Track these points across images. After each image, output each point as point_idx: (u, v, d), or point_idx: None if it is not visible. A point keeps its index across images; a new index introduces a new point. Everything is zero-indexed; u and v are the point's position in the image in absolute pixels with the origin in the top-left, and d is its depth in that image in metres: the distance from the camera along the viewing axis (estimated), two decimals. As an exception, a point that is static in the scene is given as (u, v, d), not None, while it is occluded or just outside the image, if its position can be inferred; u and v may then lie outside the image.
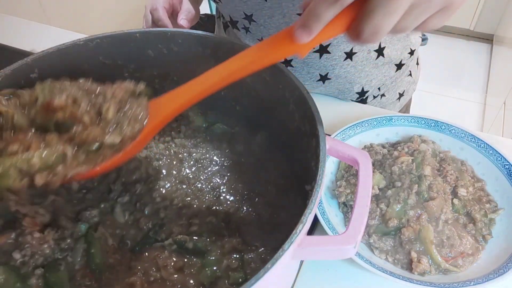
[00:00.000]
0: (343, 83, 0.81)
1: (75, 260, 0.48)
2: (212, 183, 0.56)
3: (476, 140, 0.67)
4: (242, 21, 0.76)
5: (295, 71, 0.79)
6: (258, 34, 0.77)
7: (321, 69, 0.78)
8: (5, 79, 0.51)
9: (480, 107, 2.35)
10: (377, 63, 0.80)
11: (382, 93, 0.86)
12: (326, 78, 0.80)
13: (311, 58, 0.77)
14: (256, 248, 0.49)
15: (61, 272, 0.47)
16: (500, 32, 2.54)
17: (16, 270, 0.47)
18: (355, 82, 0.81)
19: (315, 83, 0.81)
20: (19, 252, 0.48)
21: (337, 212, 0.62)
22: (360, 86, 0.83)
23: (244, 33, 0.79)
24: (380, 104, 0.88)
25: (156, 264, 0.48)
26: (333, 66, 0.78)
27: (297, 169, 0.54)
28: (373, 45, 0.77)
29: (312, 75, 0.80)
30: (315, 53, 0.76)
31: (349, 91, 0.83)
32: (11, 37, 1.00)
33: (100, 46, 0.57)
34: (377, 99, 0.87)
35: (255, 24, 0.75)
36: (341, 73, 0.79)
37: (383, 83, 0.84)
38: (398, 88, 0.88)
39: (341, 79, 0.80)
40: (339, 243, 0.38)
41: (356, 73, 0.80)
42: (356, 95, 0.84)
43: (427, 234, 0.56)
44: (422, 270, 0.54)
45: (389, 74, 0.84)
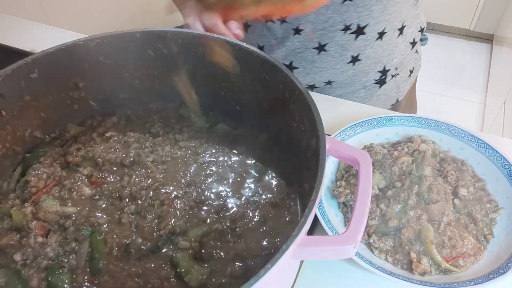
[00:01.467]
0: (370, 64, 0.84)
1: (79, 263, 0.48)
2: (217, 186, 0.56)
3: (476, 140, 0.67)
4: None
5: (328, 54, 0.81)
6: (295, 22, 0.78)
7: (354, 51, 0.81)
8: (5, 79, 0.51)
9: (480, 107, 2.35)
10: (397, 42, 0.84)
11: (398, 72, 0.90)
12: (356, 59, 0.82)
13: (346, 40, 0.79)
14: (259, 254, 0.49)
15: (64, 274, 0.47)
16: (500, 32, 2.55)
17: (17, 272, 0.47)
18: (379, 61, 0.85)
19: (346, 66, 0.83)
20: (21, 254, 0.48)
21: (337, 212, 0.62)
22: (382, 65, 0.86)
23: (278, 24, 0.80)
24: (395, 83, 0.92)
25: (159, 273, 0.48)
26: (365, 46, 0.81)
27: (297, 169, 0.54)
28: (397, 24, 0.81)
29: (344, 57, 0.82)
30: (351, 35, 0.78)
31: (372, 71, 0.86)
32: (11, 37, 1.00)
33: (100, 46, 0.57)
34: (393, 78, 0.91)
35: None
36: (371, 53, 0.82)
37: (400, 61, 0.89)
38: (409, 65, 0.93)
39: (370, 59, 0.83)
40: (339, 243, 0.38)
41: (382, 52, 0.84)
42: (379, 74, 0.87)
43: (427, 234, 0.56)
44: (422, 270, 0.54)
45: (406, 52, 0.88)
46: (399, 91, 0.95)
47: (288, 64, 0.85)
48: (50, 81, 0.56)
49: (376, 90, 0.91)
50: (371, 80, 0.88)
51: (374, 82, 0.89)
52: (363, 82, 0.88)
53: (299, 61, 0.84)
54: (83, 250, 0.49)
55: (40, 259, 0.48)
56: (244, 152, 0.60)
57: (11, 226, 0.51)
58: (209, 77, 0.60)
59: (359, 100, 0.92)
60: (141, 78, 0.63)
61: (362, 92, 0.90)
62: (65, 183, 0.55)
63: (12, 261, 0.48)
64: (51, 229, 0.51)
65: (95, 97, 0.63)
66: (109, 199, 0.54)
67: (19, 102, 0.54)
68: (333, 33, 0.78)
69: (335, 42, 0.79)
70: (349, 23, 0.76)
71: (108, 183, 0.56)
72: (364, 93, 0.90)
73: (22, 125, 0.56)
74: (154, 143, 0.61)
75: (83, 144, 0.60)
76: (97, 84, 0.61)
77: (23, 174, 0.57)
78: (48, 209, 0.52)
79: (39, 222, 0.51)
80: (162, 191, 0.55)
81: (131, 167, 0.57)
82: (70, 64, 0.57)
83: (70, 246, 0.49)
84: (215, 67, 0.58)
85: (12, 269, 0.47)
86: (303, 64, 0.84)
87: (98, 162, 0.57)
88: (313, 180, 0.40)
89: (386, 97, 0.93)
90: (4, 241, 0.49)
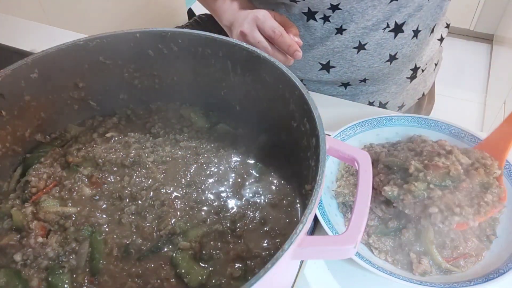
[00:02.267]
0: (405, 62, 0.85)
1: (79, 264, 0.48)
2: (217, 187, 0.56)
3: (476, 140, 0.67)
4: (324, 11, 0.77)
5: (367, 53, 0.81)
6: (338, 22, 0.78)
7: (392, 49, 0.81)
8: (5, 79, 0.51)
9: (480, 107, 2.35)
10: (429, 40, 0.86)
11: (426, 67, 0.92)
12: (394, 58, 0.83)
13: (386, 39, 0.80)
14: (259, 254, 0.49)
15: (64, 275, 0.47)
16: (500, 32, 2.54)
17: (17, 273, 0.47)
18: (413, 60, 0.87)
19: (383, 64, 0.84)
20: (21, 255, 0.48)
21: (337, 212, 0.62)
22: (414, 63, 0.87)
23: (321, 23, 0.79)
24: (423, 77, 0.94)
25: (159, 273, 0.48)
26: (402, 45, 0.81)
27: (297, 169, 0.54)
28: (430, 23, 0.82)
29: (382, 56, 0.82)
30: (390, 33, 0.79)
31: (406, 69, 0.88)
32: (11, 37, 1.00)
33: (100, 46, 0.57)
34: (422, 73, 0.92)
35: (339, 12, 0.76)
36: (407, 52, 0.83)
37: (430, 57, 0.91)
38: (435, 59, 0.95)
39: (406, 58, 0.84)
40: (339, 243, 0.38)
41: (417, 50, 0.85)
42: (410, 71, 0.89)
43: (427, 235, 0.56)
44: (423, 270, 0.54)
45: (434, 48, 0.91)
46: (425, 84, 0.97)
47: (325, 63, 0.85)
48: (50, 81, 0.56)
49: (406, 86, 0.92)
50: (403, 78, 0.89)
51: (406, 78, 0.90)
52: (396, 79, 0.89)
53: (337, 60, 0.83)
54: (83, 250, 0.49)
55: (40, 259, 0.48)
56: (244, 153, 0.60)
57: (11, 226, 0.51)
58: (209, 77, 0.60)
59: (390, 96, 0.93)
60: (141, 78, 0.63)
61: (394, 87, 0.91)
62: (65, 183, 0.55)
63: (12, 261, 0.48)
64: (51, 229, 0.51)
65: (95, 97, 0.63)
66: (109, 200, 0.54)
67: (19, 102, 0.54)
68: (374, 32, 0.78)
69: (375, 41, 0.79)
70: (389, 21, 0.77)
71: (108, 184, 0.56)
72: (395, 88, 0.91)
73: (22, 125, 0.56)
74: (155, 143, 0.61)
75: (84, 144, 0.60)
76: (97, 84, 0.61)
77: (24, 174, 0.57)
78: (48, 209, 0.52)
79: (40, 222, 0.51)
80: (162, 192, 0.54)
81: (131, 167, 0.57)
82: (70, 64, 0.57)
83: (70, 246, 0.49)
84: (215, 67, 0.58)
85: (12, 269, 0.47)
86: (341, 63, 0.84)
87: (99, 162, 0.57)
88: (313, 180, 0.40)
89: (414, 91, 0.95)
90: (4, 241, 0.49)
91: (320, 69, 0.86)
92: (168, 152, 0.59)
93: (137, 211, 0.53)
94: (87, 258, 0.49)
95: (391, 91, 0.91)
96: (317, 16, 0.78)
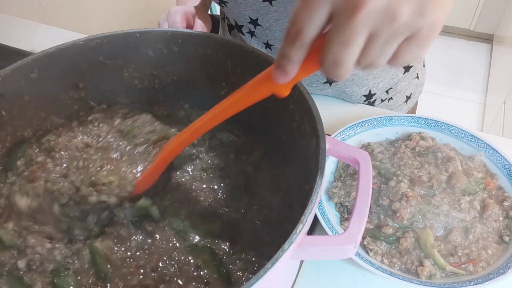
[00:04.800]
0: (350, 86, 0.81)
1: (83, 266, 0.48)
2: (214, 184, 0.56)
3: (476, 140, 0.67)
4: (247, 25, 0.76)
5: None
6: (264, 37, 0.77)
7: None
8: (5, 79, 0.51)
9: (480, 107, 2.35)
10: (385, 66, 0.80)
11: (390, 96, 0.87)
12: (333, 80, 0.80)
13: None
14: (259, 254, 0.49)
15: (69, 277, 0.47)
16: (500, 32, 2.54)
17: (20, 279, 0.47)
18: (362, 84, 0.81)
19: (322, 86, 0.81)
20: (26, 261, 0.48)
21: (336, 212, 0.62)
22: (367, 89, 0.83)
23: (249, 37, 0.79)
24: (388, 107, 0.89)
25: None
26: None
27: (297, 169, 0.54)
28: None
29: (318, 77, 0.80)
30: None
31: (356, 94, 0.83)
32: (11, 37, 1.00)
33: (100, 46, 0.57)
34: (384, 102, 0.87)
35: (261, 28, 0.75)
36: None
37: (391, 86, 0.85)
38: (406, 91, 0.89)
39: (349, 82, 0.80)
40: (339, 243, 0.38)
41: (364, 75, 0.80)
42: (363, 97, 0.84)
43: (427, 239, 0.55)
44: (428, 273, 0.53)
45: (397, 76, 0.84)
46: None
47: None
48: (50, 81, 0.56)
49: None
50: (355, 103, 0.85)
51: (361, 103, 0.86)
52: (347, 102, 0.85)
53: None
54: (84, 252, 0.49)
55: (46, 263, 0.48)
56: (244, 153, 0.60)
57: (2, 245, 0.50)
58: (208, 77, 0.60)
59: None
60: (141, 78, 0.63)
61: None
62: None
63: (16, 268, 0.47)
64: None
65: (95, 97, 0.63)
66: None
67: (19, 102, 0.54)
68: None
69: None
70: None
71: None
72: None
73: (22, 125, 0.56)
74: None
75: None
76: (97, 84, 0.61)
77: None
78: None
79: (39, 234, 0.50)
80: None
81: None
82: (70, 64, 0.57)
83: (76, 247, 0.49)
84: (215, 67, 0.58)
85: (14, 275, 0.47)
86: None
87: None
88: (313, 180, 0.40)
89: None
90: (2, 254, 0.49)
91: None
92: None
93: (138, 223, 0.52)
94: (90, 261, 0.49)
95: None
96: (244, 30, 0.78)
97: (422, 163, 0.63)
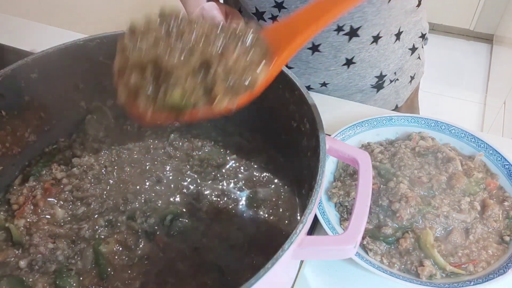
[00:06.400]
0: (365, 68, 0.84)
1: (85, 266, 0.48)
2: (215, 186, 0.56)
3: (476, 140, 0.67)
4: (270, 10, 0.77)
5: (322, 55, 0.81)
6: None
7: (348, 53, 0.80)
8: (5, 79, 0.51)
9: (480, 107, 2.35)
10: (394, 47, 0.84)
11: (397, 77, 0.90)
12: (351, 62, 0.82)
13: (340, 42, 0.79)
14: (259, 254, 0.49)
15: (72, 277, 0.47)
16: (500, 32, 2.54)
17: (21, 281, 0.47)
18: (375, 66, 0.84)
19: (340, 68, 0.83)
20: (28, 261, 0.48)
21: (336, 212, 0.62)
22: (379, 70, 0.86)
23: (270, 23, 0.79)
24: (395, 88, 0.91)
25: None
26: (359, 49, 0.80)
27: (297, 169, 0.54)
28: (393, 29, 0.81)
29: (338, 59, 0.81)
30: (344, 36, 0.78)
31: (369, 76, 0.86)
32: (11, 37, 1.00)
33: (100, 46, 0.57)
34: (392, 84, 0.90)
35: (286, 11, 0.76)
36: (366, 57, 0.82)
37: (399, 67, 0.88)
38: (410, 71, 0.92)
39: (365, 63, 0.83)
40: (339, 243, 0.38)
41: (378, 57, 0.83)
42: (375, 79, 0.87)
43: (427, 239, 0.55)
44: (429, 273, 0.53)
45: (405, 58, 0.88)
46: (398, 96, 0.94)
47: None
48: (50, 81, 0.56)
49: (373, 95, 0.90)
50: (367, 85, 0.87)
51: (371, 86, 0.88)
52: (359, 86, 0.87)
53: (294, 60, 0.83)
54: (88, 252, 0.49)
55: (49, 264, 0.48)
56: (244, 153, 0.60)
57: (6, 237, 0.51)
58: (209, 77, 0.60)
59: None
60: (141, 78, 0.62)
61: (359, 95, 0.90)
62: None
63: (17, 268, 0.48)
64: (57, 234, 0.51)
65: (95, 97, 0.62)
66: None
67: (19, 102, 0.54)
68: (326, 33, 0.78)
69: (328, 42, 0.79)
70: (342, 24, 0.76)
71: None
72: (360, 97, 0.90)
73: (22, 125, 0.56)
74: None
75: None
76: (97, 84, 0.61)
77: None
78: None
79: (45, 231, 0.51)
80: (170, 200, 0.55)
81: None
82: (70, 64, 0.57)
83: (78, 247, 0.49)
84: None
85: (15, 277, 0.47)
86: (298, 64, 0.84)
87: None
88: (313, 180, 0.40)
89: (384, 102, 0.93)
90: (3, 256, 0.49)
91: None
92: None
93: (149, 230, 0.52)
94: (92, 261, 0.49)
95: (356, 99, 0.89)
96: (266, 16, 0.78)
97: (422, 163, 0.63)
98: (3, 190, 0.56)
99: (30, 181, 0.56)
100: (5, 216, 0.53)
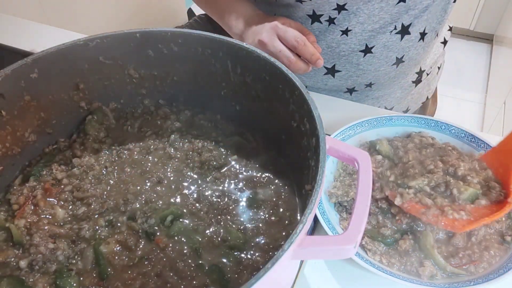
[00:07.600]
0: (411, 66, 0.85)
1: (86, 266, 0.48)
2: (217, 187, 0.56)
3: (476, 140, 0.67)
4: (330, 12, 0.75)
5: (373, 56, 0.80)
6: (344, 24, 0.76)
7: (399, 52, 0.80)
8: (5, 79, 0.51)
9: (480, 107, 2.35)
10: (434, 43, 0.86)
11: (431, 70, 0.92)
12: (401, 61, 0.82)
13: (392, 41, 0.78)
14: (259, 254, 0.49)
15: (72, 278, 0.47)
16: (500, 32, 2.54)
17: (21, 281, 0.47)
18: (419, 63, 0.86)
19: (390, 68, 0.82)
20: (28, 261, 0.48)
21: (336, 212, 0.62)
22: (419, 66, 0.87)
23: (325, 26, 0.78)
24: (427, 81, 0.93)
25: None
26: (409, 47, 0.80)
27: (297, 169, 0.54)
28: (436, 26, 0.81)
29: (389, 59, 0.81)
30: (397, 35, 0.77)
31: (411, 73, 0.87)
32: (11, 37, 1.00)
33: (100, 46, 0.57)
34: (426, 78, 0.92)
35: (345, 13, 0.75)
36: (414, 54, 0.82)
37: (434, 61, 0.91)
38: (438, 63, 0.94)
39: (412, 61, 0.83)
40: (339, 243, 0.38)
41: (423, 53, 0.84)
42: (416, 75, 0.88)
43: (427, 240, 0.55)
44: (430, 273, 0.53)
45: (438, 51, 0.91)
46: (429, 88, 0.96)
47: (331, 67, 0.83)
48: (50, 81, 0.56)
49: (411, 90, 0.91)
50: (409, 81, 0.88)
51: (412, 82, 0.89)
52: (401, 83, 0.88)
53: (343, 64, 0.82)
54: (88, 253, 0.49)
55: (49, 264, 0.48)
56: (244, 153, 0.60)
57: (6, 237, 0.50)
58: (208, 77, 0.60)
59: (395, 101, 0.91)
60: (141, 78, 0.63)
61: (399, 92, 0.90)
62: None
63: (17, 268, 0.48)
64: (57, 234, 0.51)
65: (95, 97, 0.63)
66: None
67: (19, 102, 0.54)
68: (382, 35, 0.77)
69: (381, 43, 0.78)
70: (395, 22, 0.76)
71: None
72: (400, 93, 0.90)
73: (22, 125, 0.56)
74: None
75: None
76: (97, 84, 0.61)
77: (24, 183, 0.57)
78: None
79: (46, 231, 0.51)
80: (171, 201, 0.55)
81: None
82: (70, 64, 0.57)
83: (79, 247, 0.49)
84: (215, 67, 0.58)
85: (15, 277, 0.47)
86: (347, 67, 0.82)
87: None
88: (313, 180, 0.40)
89: (418, 95, 0.94)
90: (3, 256, 0.49)
91: (325, 74, 0.84)
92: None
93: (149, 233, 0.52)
94: (93, 261, 0.49)
95: (396, 96, 0.90)
96: (322, 19, 0.77)
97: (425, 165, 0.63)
98: (3, 190, 0.56)
99: (31, 181, 0.56)
100: (5, 216, 0.53)
